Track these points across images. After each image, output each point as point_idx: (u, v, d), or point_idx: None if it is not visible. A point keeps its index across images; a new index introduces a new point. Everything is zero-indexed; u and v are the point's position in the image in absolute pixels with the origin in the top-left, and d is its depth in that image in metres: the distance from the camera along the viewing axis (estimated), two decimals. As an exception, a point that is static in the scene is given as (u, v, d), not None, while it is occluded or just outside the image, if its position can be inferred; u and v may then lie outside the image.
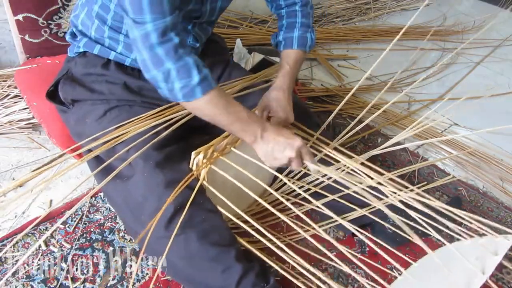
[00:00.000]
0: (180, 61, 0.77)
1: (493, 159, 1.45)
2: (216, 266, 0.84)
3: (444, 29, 2.38)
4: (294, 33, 1.03)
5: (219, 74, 1.15)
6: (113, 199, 0.94)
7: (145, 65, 0.79)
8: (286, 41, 1.04)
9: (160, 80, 0.79)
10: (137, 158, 0.87)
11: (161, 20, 0.75)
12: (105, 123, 0.94)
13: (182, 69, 0.77)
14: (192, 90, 0.78)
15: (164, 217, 0.83)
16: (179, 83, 0.78)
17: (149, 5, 0.73)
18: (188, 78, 0.78)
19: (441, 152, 1.49)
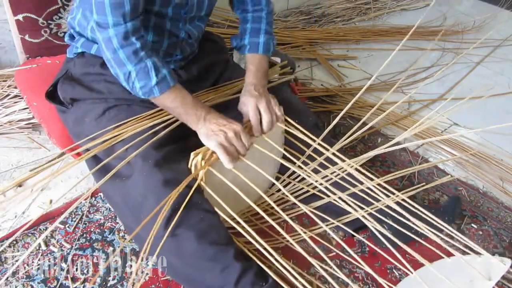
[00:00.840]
0: (140, 64, 0.85)
1: (493, 159, 1.45)
2: (214, 265, 0.84)
3: (444, 29, 2.38)
4: (259, 39, 1.08)
5: (218, 74, 1.15)
6: (113, 198, 0.94)
7: (110, 64, 0.87)
8: (252, 45, 1.08)
9: (122, 79, 0.87)
10: (136, 158, 0.87)
11: (122, 26, 0.82)
12: (104, 122, 0.94)
13: (141, 71, 0.85)
14: (150, 90, 0.87)
15: (163, 218, 0.83)
16: (138, 83, 0.86)
17: (111, 8, 0.80)
18: (147, 80, 0.86)
19: (441, 152, 1.49)
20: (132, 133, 0.90)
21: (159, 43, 0.98)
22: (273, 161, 1.10)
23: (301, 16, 2.25)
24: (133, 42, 0.83)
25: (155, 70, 0.86)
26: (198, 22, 1.04)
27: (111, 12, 0.80)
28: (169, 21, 0.96)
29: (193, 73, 1.09)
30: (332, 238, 1.10)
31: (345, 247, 0.86)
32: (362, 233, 1.11)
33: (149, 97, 0.89)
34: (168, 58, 1.03)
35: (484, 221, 1.22)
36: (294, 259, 1.02)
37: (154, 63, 0.86)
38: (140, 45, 0.84)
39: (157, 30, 0.96)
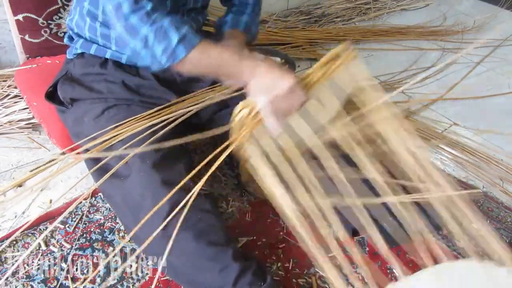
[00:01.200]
0: (155, 24, 0.77)
1: (493, 159, 1.45)
2: (213, 265, 0.84)
3: (444, 29, 2.38)
4: (243, 18, 1.04)
5: None
6: (112, 198, 0.94)
7: (123, 39, 0.79)
8: (233, 21, 1.05)
9: (140, 48, 0.78)
10: (134, 158, 0.87)
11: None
12: (103, 122, 0.94)
13: (159, 31, 0.77)
14: (174, 52, 0.78)
15: (160, 217, 0.83)
16: (158, 46, 0.77)
17: None
18: (167, 40, 0.77)
19: (441, 152, 1.49)
20: (131, 133, 0.90)
21: None
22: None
23: (301, 16, 2.25)
24: (144, 5, 0.77)
25: (175, 27, 0.77)
26: (195, 15, 1.04)
27: None
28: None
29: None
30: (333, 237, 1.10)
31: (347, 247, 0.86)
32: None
33: (174, 61, 0.79)
34: None
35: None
36: (295, 258, 1.02)
37: (171, 21, 0.78)
38: (152, 6, 0.77)
39: None
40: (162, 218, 0.83)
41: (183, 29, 0.79)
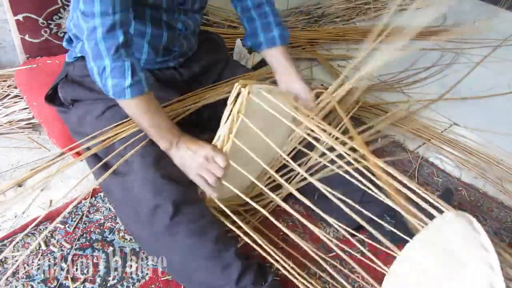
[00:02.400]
0: (118, 61, 0.81)
1: (493, 159, 1.45)
2: (216, 263, 0.84)
3: (444, 29, 2.38)
4: (274, 32, 1.07)
5: (219, 72, 1.15)
6: (114, 195, 0.94)
7: (87, 55, 0.83)
8: (268, 41, 1.08)
9: (95, 73, 0.83)
10: (134, 155, 0.87)
11: (110, 17, 0.78)
12: (104, 121, 0.94)
13: (117, 68, 0.81)
14: (122, 91, 0.83)
15: (164, 215, 0.83)
16: (111, 81, 0.82)
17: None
18: (121, 79, 0.82)
19: (441, 152, 1.49)
20: (131, 131, 0.90)
21: (159, 37, 0.98)
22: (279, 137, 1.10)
23: (301, 16, 2.25)
24: (117, 35, 0.80)
25: (132, 71, 0.82)
26: (193, 13, 1.04)
27: (100, 1, 0.77)
28: (164, 12, 0.96)
29: (194, 71, 1.10)
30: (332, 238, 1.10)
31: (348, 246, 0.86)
32: (362, 232, 1.11)
33: (119, 98, 0.85)
34: (167, 56, 1.04)
35: (484, 221, 1.22)
36: (295, 259, 1.02)
37: (133, 65, 0.83)
38: (123, 40, 0.81)
39: (155, 22, 0.96)
40: (167, 216, 0.83)
41: (139, 75, 0.84)
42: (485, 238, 0.69)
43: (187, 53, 1.10)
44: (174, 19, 0.99)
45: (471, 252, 0.69)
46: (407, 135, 1.53)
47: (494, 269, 0.65)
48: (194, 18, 1.05)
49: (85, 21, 0.80)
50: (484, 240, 0.69)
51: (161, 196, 0.83)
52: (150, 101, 0.87)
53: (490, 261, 0.66)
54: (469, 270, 0.67)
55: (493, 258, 0.66)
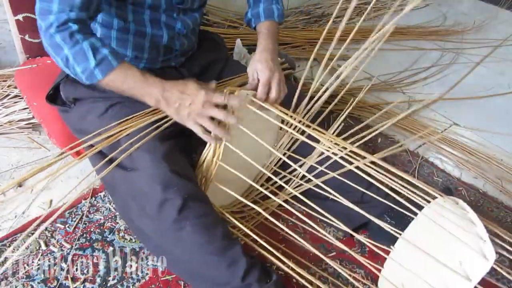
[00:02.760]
0: (76, 46, 0.80)
1: (493, 159, 1.45)
2: (221, 260, 0.84)
3: (444, 29, 2.38)
4: (259, 8, 1.08)
5: (219, 71, 1.16)
6: (117, 190, 0.93)
7: (49, 51, 0.83)
8: (254, 16, 1.09)
9: (62, 65, 0.83)
10: (142, 152, 0.87)
11: (65, 13, 0.79)
12: (107, 120, 0.94)
13: (78, 54, 0.81)
14: (91, 73, 0.82)
15: (172, 210, 0.83)
16: (78, 67, 0.82)
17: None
18: (85, 62, 0.81)
19: (441, 152, 1.49)
20: (136, 128, 0.90)
21: (159, 37, 0.99)
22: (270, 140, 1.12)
23: (301, 16, 2.25)
24: (69, 26, 0.80)
25: (93, 50, 0.81)
26: (193, 12, 1.05)
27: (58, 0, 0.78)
28: (163, 13, 0.97)
29: (194, 71, 1.10)
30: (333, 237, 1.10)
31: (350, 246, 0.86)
32: (362, 232, 1.11)
33: (92, 81, 0.84)
34: (168, 55, 1.04)
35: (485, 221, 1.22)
36: (295, 259, 1.02)
37: (92, 44, 0.81)
38: (77, 27, 0.80)
39: (154, 23, 0.97)
40: (173, 211, 0.83)
41: (102, 52, 0.82)
42: (473, 214, 0.76)
43: (188, 52, 1.10)
44: (173, 19, 0.99)
45: (461, 227, 0.75)
46: (407, 135, 1.53)
47: (484, 239, 0.71)
48: (193, 17, 1.05)
49: (41, 19, 0.81)
50: (472, 216, 0.76)
51: (170, 190, 0.83)
52: (124, 71, 0.84)
53: (479, 232, 0.72)
54: (461, 243, 0.73)
55: (481, 230, 0.72)
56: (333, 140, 0.95)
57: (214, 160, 0.91)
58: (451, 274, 0.72)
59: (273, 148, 1.13)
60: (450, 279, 0.72)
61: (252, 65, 0.99)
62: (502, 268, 0.73)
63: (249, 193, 1.15)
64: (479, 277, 0.68)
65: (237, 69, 1.16)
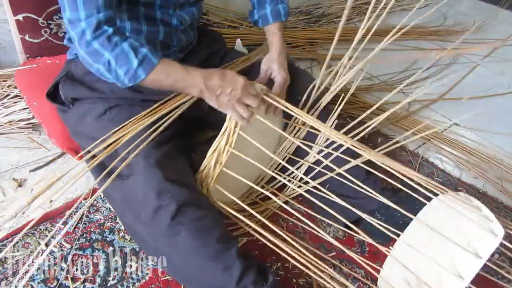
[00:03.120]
0: (116, 49, 0.81)
1: (493, 159, 1.45)
2: (216, 264, 0.84)
3: (444, 29, 2.38)
4: (266, 10, 1.10)
5: (218, 64, 1.16)
6: (112, 197, 0.94)
7: (86, 61, 0.84)
8: (262, 18, 1.11)
9: (104, 71, 0.83)
10: (137, 157, 0.87)
11: (94, 16, 0.79)
12: (105, 122, 0.94)
13: (120, 56, 0.81)
14: (135, 74, 0.83)
15: (166, 216, 0.83)
16: (121, 70, 0.82)
17: (84, 2, 0.78)
18: (128, 64, 0.82)
19: (441, 152, 1.49)
20: (133, 134, 0.90)
21: (155, 33, 0.99)
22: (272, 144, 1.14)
23: (301, 16, 2.25)
24: (105, 29, 0.81)
25: (134, 51, 0.82)
26: (190, 7, 1.04)
27: (83, 5, 0.78)
28: (159, 10, 0.96)
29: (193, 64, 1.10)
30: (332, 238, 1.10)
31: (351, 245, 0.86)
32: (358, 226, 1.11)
33: (136, 82, 0.85)
34: (166, 51, 1.04)
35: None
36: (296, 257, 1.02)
37: (131, 44, 0.82)
38: (112, 30, 0.81)
39: (149, 20, 0.96)
40: (168, 216, 0.83)
41: (142, 51, 0.83)
42: (477, 202, 0.79)
43: (186, 48, 1.10)
44: (169, 15, 0.99)
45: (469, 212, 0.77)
46: (407, 135, 1.53)
47: (491, 219, 0.74)
48: (190, 11, 1.04)
49: (72, 29, 0.81)
50: (477, 203, 0.79)
51: (165, 197, 0.83)
52: (165, 67, 0.85)
53: (486, 214, 0.75)
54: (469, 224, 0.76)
55: (488, 212, 0.75)
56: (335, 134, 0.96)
57: (227, 148, 0.91)
58: (461, 256, 0.73)
59: (278, 148, 1.14)
60: (459, 261, 0.73)
61: (268, 63, 1.05)
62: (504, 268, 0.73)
63: (249, 194, 1.15)
64: (488, 253, 0.70)
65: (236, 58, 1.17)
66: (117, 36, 0.82)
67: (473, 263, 0.70)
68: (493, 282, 0.86)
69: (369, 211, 0.96)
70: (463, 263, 0.72)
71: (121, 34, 0.83)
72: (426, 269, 0.78)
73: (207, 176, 0.95)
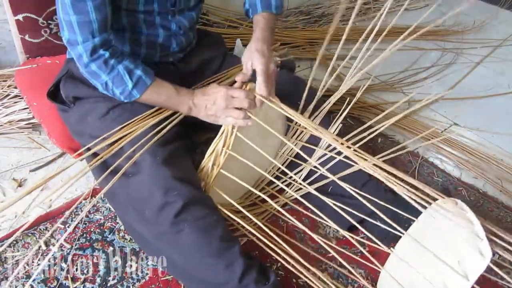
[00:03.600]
0: (113, 72, 0.88)
1: (493, 159, 1.45)
2: (218, 261, 0.84)
3: (444, 29, 2.38)
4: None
5: (217, 66, 1.16)
6: (115, 196, 0.93)
7: (86, 77, 0.91)
8: (252, 7, 1.09)
9: (101, 89, 0.91)
10: (144, 155, 0.87)
11: (90, 41, 0.85)
12: (108, 122, 0.94)
13: (116, 78, 0.88)
14: (130, 94, 0.90)
15: (170, 213, 0.83)
16: (117, 90, 0.90)
17: (79, 27, 0.83)
18: (124, 85, 0.89)
19: (441, 152, 1.49)
20: (138, 132, 0.90)
21: (155, 36, 1.00)
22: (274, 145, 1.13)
23: (301, 16, 2.25)
24: (101, 53, 0.86)
25: (129, 73, 0.88)
26: (189, 11, 1.05)
27: (79, 30, 0.83)
28: (158, 16, 0.97)
29: (192, 66, 1.10)
30: (332, 238, 1.10)
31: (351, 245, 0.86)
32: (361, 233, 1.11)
33: (131, 100, 0.91)
34: (165, 51, 1.04)
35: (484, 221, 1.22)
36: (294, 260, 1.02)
37: (126, 67, 0.88)
38: (108, 54, 0.87)
39: (149, 25, 0.98)
40: (172, 214, 0.83)
41: (136, 73, 0.89)
42: (471, 213, 0.78)
43: (186, 49, 1.10)
44: (168, 21, 1.00)
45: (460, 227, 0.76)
46: (407, 135, 1.53)
47: (481, 237, 0.72)
48: (189, 15, 1.05)
49: (71, 49, 0.88)
50: (470, 215, 0.77)
51: (171, 195, 0.84)
52: (157, 87, 0.92)
53: (476, 231, 0.74)
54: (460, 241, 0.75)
55: (479, 228, 0.74)
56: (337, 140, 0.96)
57: (224, 149, 0.91)
58: (451, 274, 0.72)
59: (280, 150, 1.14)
60: (450, 279, 0.72)
61: (247, 54, 0.97)
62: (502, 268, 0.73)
63: (249, 195, 1.15)
64: (475, 276, 0.69)
65: (235, 63, 1.16)
66: (113, 59, 0.87)
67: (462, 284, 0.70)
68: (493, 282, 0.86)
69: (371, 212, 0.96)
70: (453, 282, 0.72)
71: (117, 55, 0.88)
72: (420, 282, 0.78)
73: (205, 178, 0.95)
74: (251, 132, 0.94)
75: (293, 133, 1.11)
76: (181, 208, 0.83)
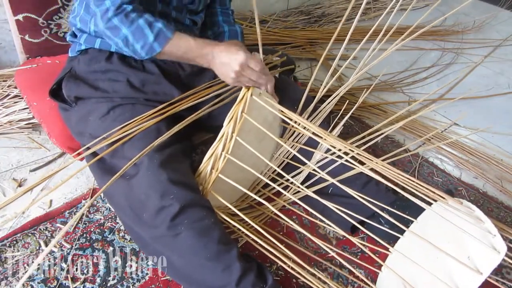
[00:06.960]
0: (133, 25, 0.87)
1: (493, 159, 1.45)
2: (216, 264, 0.84)
3: (444, 29, 2.38)
4: (236, 28, 1.16)
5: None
6: (114, 197, 0.93)
7: (105, 34, 0.90)
8: (231, 32, 1.15)
9: (122, 46, 0.90)
10: (143, 158, 0.87)
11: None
12: (109, 122, 0.94)
13: (137, 31, 0.88)
14: (151, 47, 0.89)
15: (167, 216, 0.83)
16: (138, 44, 0.89)
17: None
18: (144, 38, 0.88)
19: (441, 152, 1.49)
20: (137, 133, 0.90)
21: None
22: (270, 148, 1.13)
23: (301, 16, 2.25)
24: (124, 7, 0.87)
25: (149, 26, 0.88)
26: (197, 14, 1.09)
27: None
28: (173, 10, 1.00)
29: (195, 67, 1.10)
30: (332, 238, 1.10)
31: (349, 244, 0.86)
32: (362, 233, 1.11)
33: (152, 55, 0.90)
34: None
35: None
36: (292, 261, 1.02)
37: (146, 20, 0.88)
38: (131, 8, 0.87)
39: (165, 16, 0.99)
40: (169, 217, 0.83)
41: (157, 26, 0.89)
42: (479, 212, 0.79)
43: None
44: (182, 16, 1.03)
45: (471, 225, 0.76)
46: (407, 135, 1.53)
47: (493, 233, 0.73)
48: (200, 16, 1.09)
49: (98, 5, 0.87)
50: (479, 214, 0.78)
51: (168, 198, 0.84)
52: (179, 40, 0.91)
53: (488, 228, 0.74)
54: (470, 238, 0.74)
55: (490, 225, 0.74)
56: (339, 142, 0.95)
57: (223, 154, 0.91)
58: (460, 269, 0.71)
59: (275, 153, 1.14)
60: (458, 274, 0.72)
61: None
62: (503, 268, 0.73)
63: (245, 198, 1.14)
64: (489, 270, 0.69)
65: None
66: (134, 13, 0.87)
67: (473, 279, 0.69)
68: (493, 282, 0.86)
69: (373, 213, 0.96)
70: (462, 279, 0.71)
71: (138, 11, 0.88)
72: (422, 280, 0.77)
73: (203, 182, 0.95)
74: (249, 135, 0.94)
75: (290, 135, 1.11)
76: (178, 211, 0.83)
